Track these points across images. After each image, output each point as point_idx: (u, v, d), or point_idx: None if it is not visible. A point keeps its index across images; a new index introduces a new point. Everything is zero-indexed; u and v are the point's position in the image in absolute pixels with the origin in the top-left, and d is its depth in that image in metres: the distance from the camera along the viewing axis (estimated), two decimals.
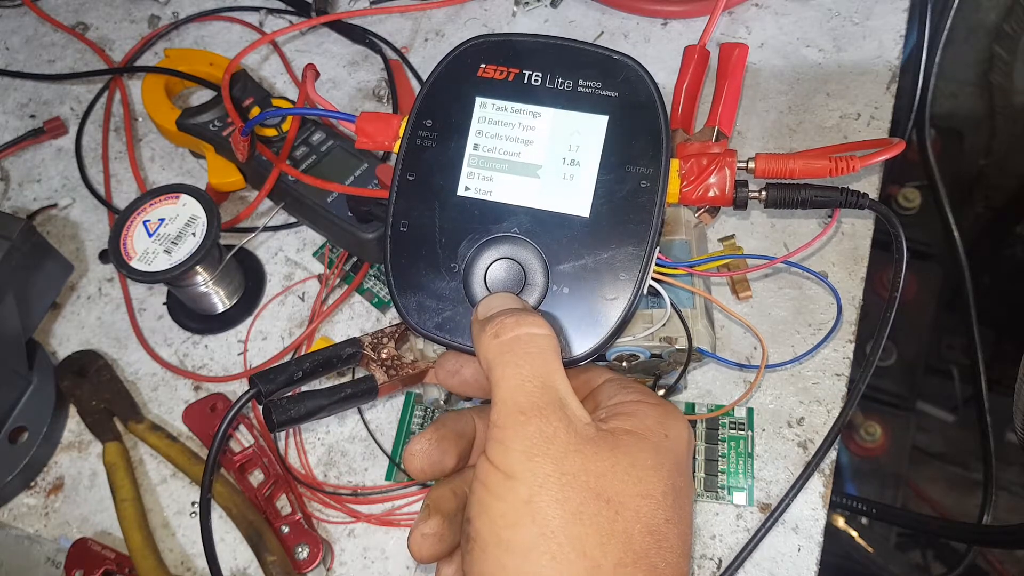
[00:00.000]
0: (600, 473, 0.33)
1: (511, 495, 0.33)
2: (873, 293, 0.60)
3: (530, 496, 0.32)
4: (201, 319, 0.64)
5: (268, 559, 0.52)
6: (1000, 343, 0.89)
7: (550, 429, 0.34)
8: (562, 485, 0.33)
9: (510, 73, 0.42)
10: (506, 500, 0.33)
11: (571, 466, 0.33)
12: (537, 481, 0.33)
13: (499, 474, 0.33)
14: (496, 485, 0.33)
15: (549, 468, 0.33)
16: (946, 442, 0.97)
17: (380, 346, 0.47)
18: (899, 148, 0.44)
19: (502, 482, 0.33)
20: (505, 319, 0.37)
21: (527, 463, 0.33)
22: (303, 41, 0.77)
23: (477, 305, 0.40)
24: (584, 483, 0.33)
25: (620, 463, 0.34)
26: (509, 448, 0.33)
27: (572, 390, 0.36)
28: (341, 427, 0.59)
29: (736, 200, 0.44)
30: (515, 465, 0.33)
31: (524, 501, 0.32)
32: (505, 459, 0.33)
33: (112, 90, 0.76)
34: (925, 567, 0.93)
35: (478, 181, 0.42)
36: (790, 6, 0.71)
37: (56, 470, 0.60)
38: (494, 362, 0.36)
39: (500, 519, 0.33)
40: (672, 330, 0.46)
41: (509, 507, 0.33)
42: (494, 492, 0.33)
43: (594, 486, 0.33)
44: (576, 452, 0.34)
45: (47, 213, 0.71)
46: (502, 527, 0.33)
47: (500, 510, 0.33)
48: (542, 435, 0.33)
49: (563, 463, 0.33)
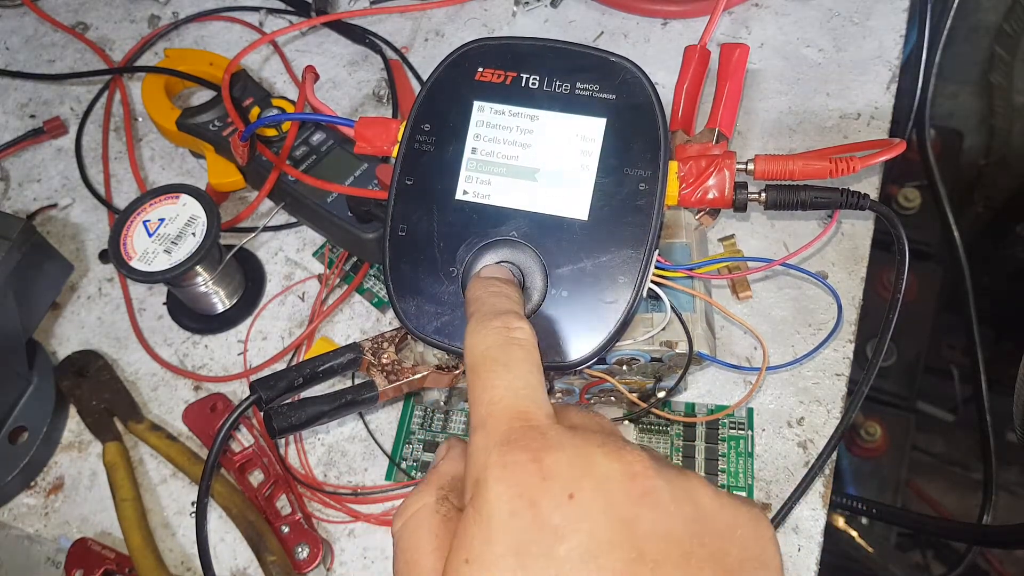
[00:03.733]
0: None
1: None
2: (873, 293, 0.60)
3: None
4: (201, 319, 0.64)
5: (268, 559, 0.52)
6: (1000, 343, 0.89)
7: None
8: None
9: (508, 76, 0.42)
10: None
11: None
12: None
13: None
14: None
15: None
16: (946, 442, 0.97)
17: (380, 351, 0.47)
18: (899, 148, 0.44)
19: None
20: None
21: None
22: (303, 41, 0.77)
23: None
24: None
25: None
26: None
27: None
28: (341, 427, 0.59)
29: (736, 202, 0.44)
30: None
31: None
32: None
33: (112, 90, 0.76)
34: (925, 567, 0.93)
35: (476, 185, 0.42)
36: (790, 6, 0.71)
37: (56, 470, 0.60)
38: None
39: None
40: (672, 334, 0.46)
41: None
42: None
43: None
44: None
45: (47, 213, 0.71)
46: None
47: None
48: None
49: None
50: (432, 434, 0.58)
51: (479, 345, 0.34)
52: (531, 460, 0.29)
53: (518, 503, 0.28)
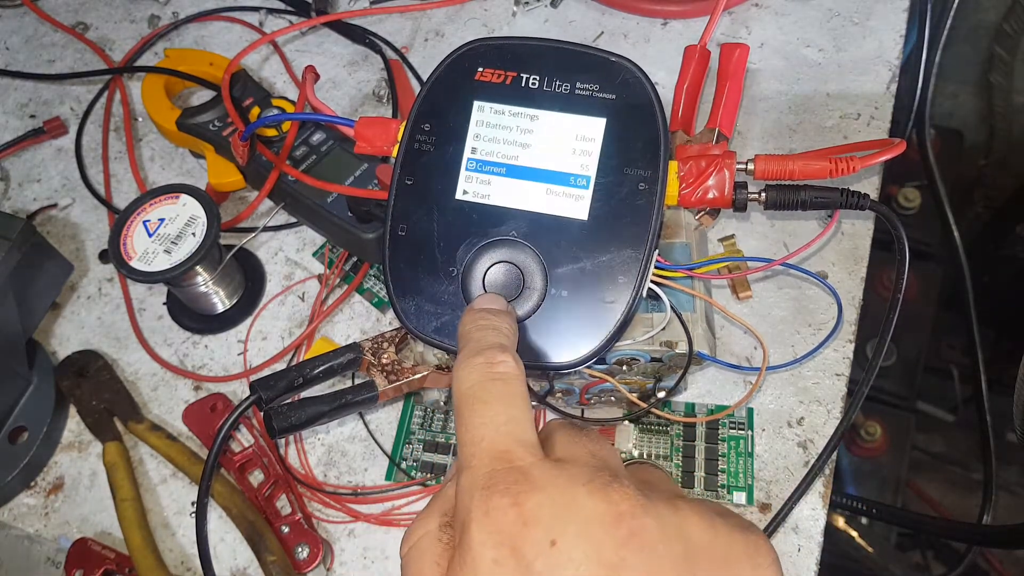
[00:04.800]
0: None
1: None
2: (873, 293, 0.60)
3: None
4: (201, 319, 0.64)
5: (268, 559, 0.52)
6: (1000, 343, 0.89)
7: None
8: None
9: (508, 76, 0.42)
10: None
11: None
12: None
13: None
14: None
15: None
16: (946, 442, 0.97)
17: (380, 351, 0.47)
18: (899, 149, 0.44)
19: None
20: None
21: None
22: (303, 41, 0.77)
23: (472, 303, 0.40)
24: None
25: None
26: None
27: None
28: (341, 427, 0.59)
29: (735, 202, 0.44)
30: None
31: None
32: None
33: (112, 90, 0.76)
34: (925, 567, 0.93)
35: (476, 185, 0.42)
36: (790, 6, 0.71)
37: (56, 470, 0.60)
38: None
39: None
40: (672, 334, 0.46)
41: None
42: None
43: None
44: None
45: (47, 213, 0.71)
46: None
47: None
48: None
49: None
50: (432, 434, 0.58)
51: (463, 383, 0.33)
52: (511, 505, 0.29)
53: (501, 551, 0.28)
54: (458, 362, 0.35)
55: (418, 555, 0.32)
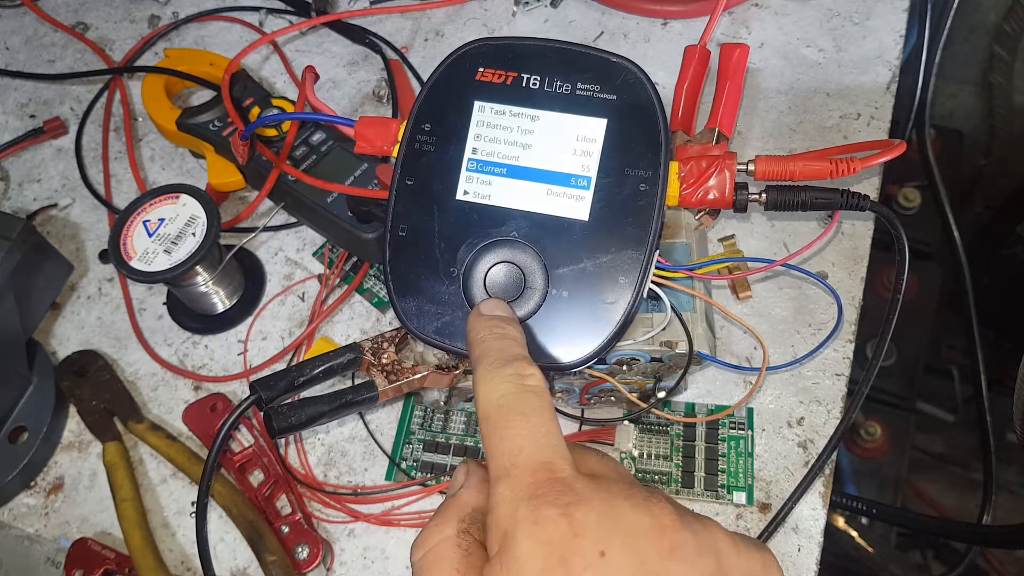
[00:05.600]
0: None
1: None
2: (873, 293, 0.60)
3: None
4: (201, 319, 0.64)
5: (268, 559, 0.52)
6: (1000, 343, 0.89)
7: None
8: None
9: (508, 77, 0.42)
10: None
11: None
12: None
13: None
14: None
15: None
16: (946, 442, 0.97)
17: (380, 351, 0.47)
18: (899, 150, 0.44)
19: None
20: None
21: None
22: (303, 41, 0.77)
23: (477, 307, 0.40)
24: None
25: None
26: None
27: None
28: (341, 427, 0.59)
29: (736, 203, 0.44)
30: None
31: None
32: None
33: (112, 90, 0.76)
34: (925, 567, 0.93)
35: (477, 185, 0.42)
36: (790, 6, 0.71)
37: (56, 470, 0.60)
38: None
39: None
40: (672, 334, 0.46)
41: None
42: None
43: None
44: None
45: (47, 213, 0.71)
46: None
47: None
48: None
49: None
50: (432, 434, 0.58)
51: (492, 393, 0.33)
52: (561, 515, 0.29)
53: (549, 561, 0.28)
54: (483, 372, 0.34)
55: (435, 560, 0.32)
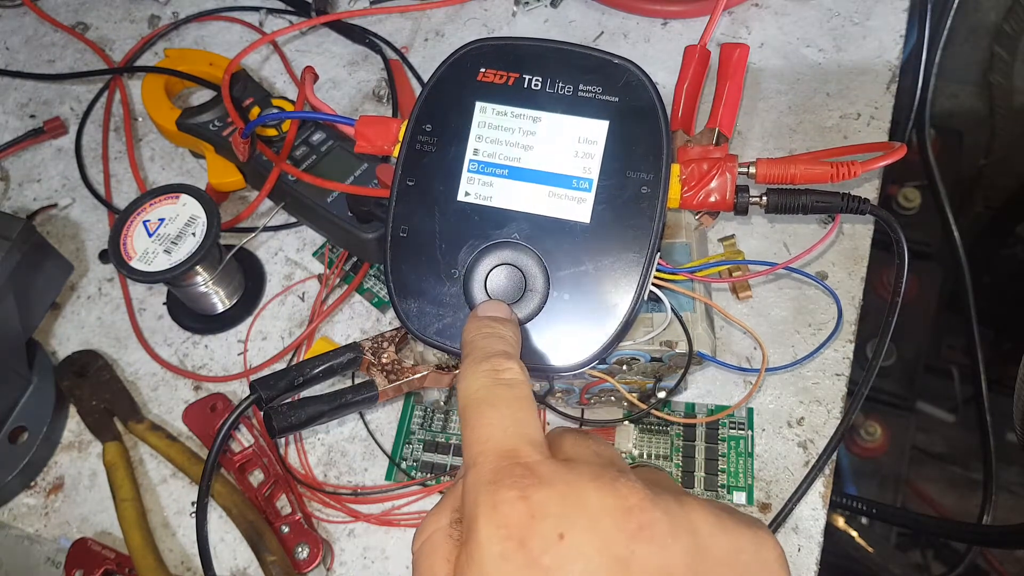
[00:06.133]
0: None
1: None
2: (873, 293, 0.60)
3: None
4: (201, 319, 0.64)
5: (268, 559, 0.52)
6: (1000, 343, 0.89)
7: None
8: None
9: (510, 77, 0.42)
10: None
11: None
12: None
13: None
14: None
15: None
16: (946, 442, 0.97)
17: (380, 351, 0.47)
18: (900, 153, 0.44)
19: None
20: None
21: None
22: (303, 41, 0.77)
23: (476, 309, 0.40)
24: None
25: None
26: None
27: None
28: (341, 427, 0.59)
29: (737, 206, 0.43)
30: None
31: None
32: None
33: (112, 90, 0.76)
34: (925, 567, 0.93)
35: (478, 186, 0.42)
36: (790, 6, 0.71)
37: (56, 470, 0.60)
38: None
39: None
40: (672, 334, 0.46)
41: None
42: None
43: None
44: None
45: (47, 213, 0.71)
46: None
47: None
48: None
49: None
50: (432, 434, 0.58)
51: (468, 388, 0.34)
52: (519, 498, 0.29)
53: (507, 544, 0.28)
54: (463, 368, 0.35)
55: (430, 550, 0.31)
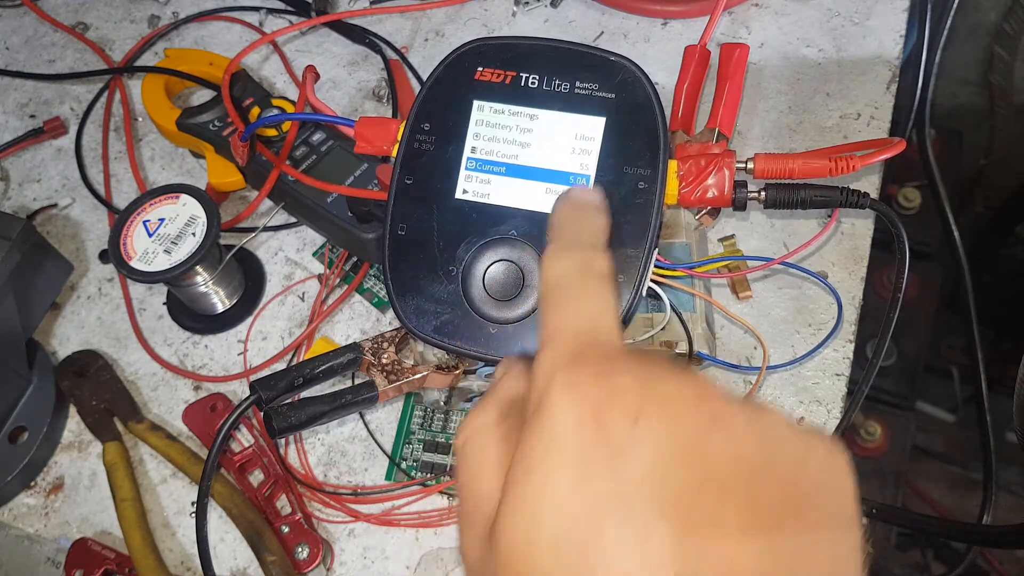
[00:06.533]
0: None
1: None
2: (873, 293, 0.60)
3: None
4: (201, 319, 0.64)
5: (268, 559, 0.52)
6: (1000, 343, 0.89)
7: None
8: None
9: (507, 76, 0.42)
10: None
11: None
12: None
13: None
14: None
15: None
16: (946, 442, 0.97)
17: (380, 351, 0.47)
18: (899, 148, 0.44)
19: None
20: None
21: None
22: (303, 41, 0.77)
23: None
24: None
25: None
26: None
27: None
28: (341, 427, 0.59)
29: (735, 201, 0.44)
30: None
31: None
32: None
33: (112, 90, 0.76)
34: (925, 567, 0.93)
35: (476, 184, 0.42)
36: (790, 6, 0.71)
37: (56, 470, 0.60)
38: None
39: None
40: (672, 333, 0.46)
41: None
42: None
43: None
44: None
45: (47, 213, 0.71)
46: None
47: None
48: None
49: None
50: (432, 434, 0.58)
51: (554, 269, 0.33)
52: (597, 375, 0.28)
53: (583, 417, 0.27)
54: (550, 250, 0.34)
55: (476, 442, 0.31)
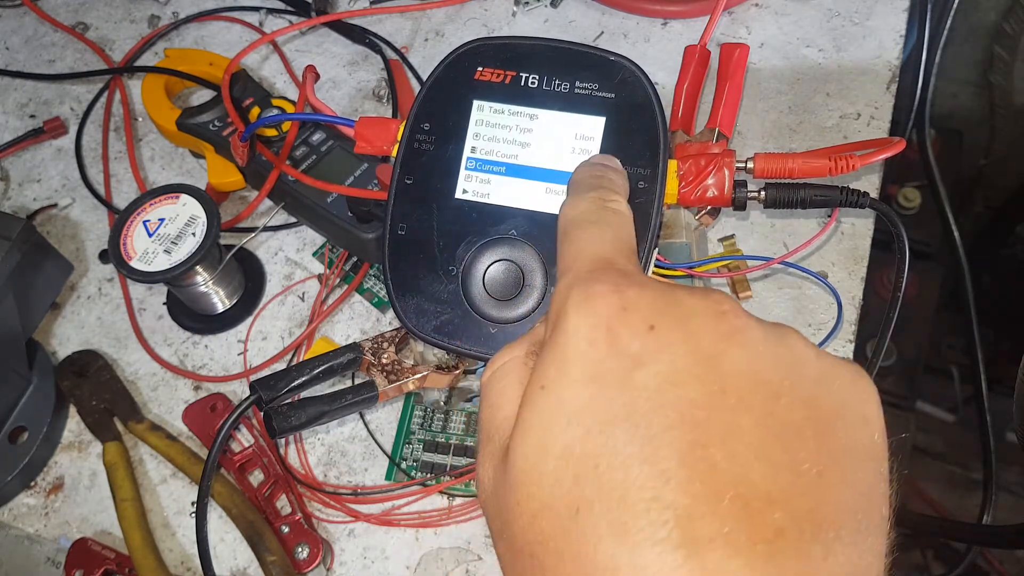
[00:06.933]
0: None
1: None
2: (873, 293, 0.60)
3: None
4: (201, 319, 0.64)
5: (268, 559, 0.52)
6: (1000, 343, 0.89)
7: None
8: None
9: (507, 76, 0.42)
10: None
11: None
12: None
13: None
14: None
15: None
16: (946, 442, 0.97)
17: (380, 351, 0.47)
18: (899, 147, 0.44)
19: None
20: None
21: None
22: (303, 41, 0.77)
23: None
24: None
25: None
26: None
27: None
28: (341, 427, 0.59)
29: (735, 200, 0.44)
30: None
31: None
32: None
33: (112, 90, 0.76)
34: (925, 567, 0.93)
35: (476, 184, 0.42)
36: (790, 6, 0.71)
37: (56, 470, 0.60)
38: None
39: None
40: None
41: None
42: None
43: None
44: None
45: (47, 213, 0.71)
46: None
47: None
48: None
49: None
50: (432, 434, 0.58)
51: (571, 211, 0.33)
52: (612, 291, 0.28)
53: (596, 332, 0.27)
54: (567, 200, 0.34)
55: (502, 375, 0.31)
